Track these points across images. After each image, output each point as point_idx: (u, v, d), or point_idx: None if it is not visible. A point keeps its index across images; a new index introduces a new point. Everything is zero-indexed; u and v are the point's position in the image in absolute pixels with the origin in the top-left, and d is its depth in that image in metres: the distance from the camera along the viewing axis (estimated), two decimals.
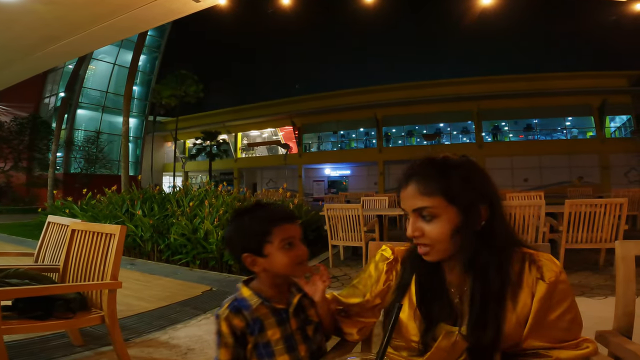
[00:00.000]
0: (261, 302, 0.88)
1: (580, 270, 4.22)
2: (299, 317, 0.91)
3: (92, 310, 1.86)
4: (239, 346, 0.86)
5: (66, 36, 6.22)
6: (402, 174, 0.85)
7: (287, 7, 7.83)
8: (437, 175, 0.80)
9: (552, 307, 0.79)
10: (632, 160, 21.43)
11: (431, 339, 0.82)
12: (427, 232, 0.79)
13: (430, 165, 0.82)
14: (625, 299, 1.11)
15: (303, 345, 0.89)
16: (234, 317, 0.86)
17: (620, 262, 1.13)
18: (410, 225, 0.81)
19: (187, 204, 5.39)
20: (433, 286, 0.85)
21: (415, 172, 0.82)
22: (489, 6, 7.45)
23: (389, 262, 0.95)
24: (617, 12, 7.45)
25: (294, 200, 6.62)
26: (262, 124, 31.47)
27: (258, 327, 0.86)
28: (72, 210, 6.18)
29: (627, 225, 4.16)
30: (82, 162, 24.86)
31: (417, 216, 0.81)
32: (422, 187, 0.80)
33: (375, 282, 0.95)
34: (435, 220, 0.79)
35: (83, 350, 2.23)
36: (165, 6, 5.57)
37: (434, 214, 0.79)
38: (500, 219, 0.81)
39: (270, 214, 0.90)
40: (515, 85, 23.68)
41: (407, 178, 0.83)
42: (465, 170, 0.81)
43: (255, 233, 0.88)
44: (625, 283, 1.12)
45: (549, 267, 0.80)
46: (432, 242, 0.80)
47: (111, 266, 1.74)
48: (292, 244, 0.88)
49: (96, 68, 27.07)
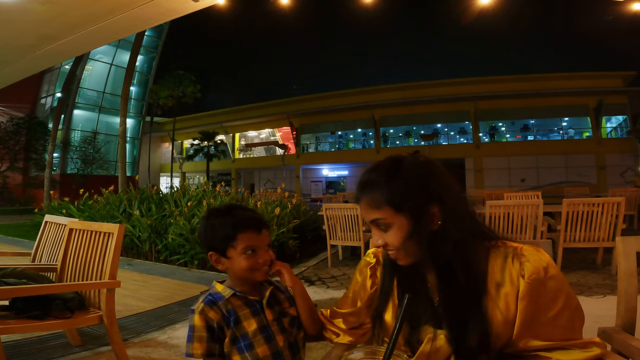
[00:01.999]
0: (234, 293, 0.92)
1: (578, 269, 4.24)
2: (274, 309, 0.95)
3: (91, 310, 1.84)
4: (212, 340, 0.87)
5: (63, 36, 6.18)
6: (356, 186, 0.84)
7: (285, 7, 7.82)
8: (384, 183, 0.79)
9: (546, 305, 0.74)
10: (628, 160, 21.55)
11: (416, 341, 0.81)
12: (387, 241, 0.80)
13: (378, 172, 0.81)
14: (627, 295, 1.11)
15: (281, 335, 0.92)
16: (209, 310, 0.88)
17: (621, 258, 1.13)
18: (373, 236, 0.82)
19: (185, 204, 5.37)
20: (414, 288, 0.83)
21: (365, 184, 0.82)
22: (487, 7, 7.47)
23: (371, 267, 0.96)
24: (614, 12, 7.49)
25: (292, 201, 6.61)
26: (259, 124, 31.43)
27: (233, 319, 0.89)
28: (69, 211, 6.15)
29: (624, 224, 4.17)
30: (78, 163, 24.72)
31: (375, 226, 0.82)
32: (370, 200, 0.80)
33: (362, 288, 0.96)
34: (390, 230, 0.80)
35: (81, 351, 2.22)
36: (163, 6, 5.55)
37: (387, 223, 0.80)
38: (454, 215, 0.79)
39: (237, 220, 0.93)
40: (512, 85, 23.77)
41: (359, 192, 0.83)
42: (410, 171, 0.79)
43: (221, 236, 0.92)
44: (627, 279, 1.12)
45: (531, 263, 0.76)
46: (396, 249, 0.80)
47: (109, 265, 1.73)
48: (255, 251, 0.92)
49: (93, 68, 26.93)
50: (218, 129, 30.21)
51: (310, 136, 30.64)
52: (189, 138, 32.12)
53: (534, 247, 0.79)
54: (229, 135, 31.89)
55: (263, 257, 0.93)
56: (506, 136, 26.31)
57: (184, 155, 32.07)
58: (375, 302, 0.93)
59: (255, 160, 32.22)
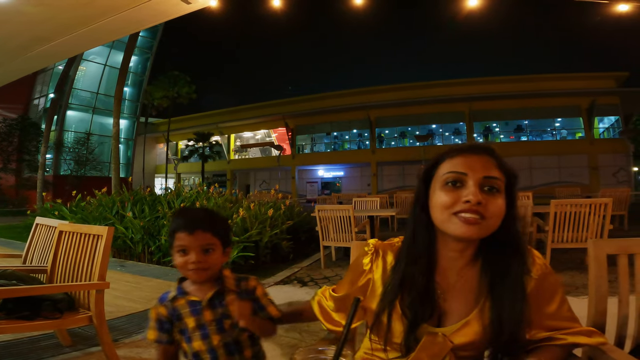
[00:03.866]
0: (177, 295, 1.03)
1: (566, 270, 4.28)
2: (216, 311, 1.02)
3: (80, 310, 1.87)
4: (161, 330, 1.03)
5: (55, 37, 6.17)
6: (475, 145, 0.83)
7: (280, 9, 7.85)
8: (498, 155, 0.82)
9: (549, 299, 0.82)
10: (621, 161, 21.78)
11: (414, 340, 0.81)
12: (487, 204, 0.75)
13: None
14: (597, 298, 1.12)
15: (217, 335, 1.01)
16: (160, 306, 1.03)
17: (592, 261, 1.14)
18: (473, 192, 0.75)
19: (178, 205, 5.38)
20: (421, 286, 0.82)
21: (488, 147, 0.83)
22: (481, 9, 7.55)
23: (369, 256, 0.93)
24: (603, 13, 7.60)
25: (286, 202, 6.63)
26: (255, 125, 31.42)
27: (177, 316, 1.02)
28: (62, 213, 6.13)
29: (612, 225, 4.23)
30: (72, 164, 24.58)
31: (483, 185, 0.77)
32: (493, 159, 0.80)
33: (358, 276, 0.93)
34: (494, 196, 0.77)
35: (71, 351, 2.23)
36: (155, 8, 5.56)
37: (498, 187, 0.78)
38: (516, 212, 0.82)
39: (175, 222, 1.02)
40: (506, 86, 23.97)
41: (482, 148, 0.82)
42: None
43: (169, 235, 1.04)
44: (597, 281, 1.13)
45: (533, 261, 0.82)
46: (491, 215, 0.76)
47: (98, 267, 1.75)
48: (186, 251, 0.99)
49: (86, 69, 26.80)
50: (213, 129, 30.16)
51: (305, 137, 30.68)
52: (184, 139, 32.03)
53: (529, 247, 0.84)
54: (224, 136, 31.84)
55: (193, 258, 0.99)
56: (500, 137, 26.51)
57: (179, 156, 31.96)
58: (366, 294, 0.91)
59: (250, 161, 32.19)
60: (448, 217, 0.77)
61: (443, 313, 0.82)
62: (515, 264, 0.79)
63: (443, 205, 0.78)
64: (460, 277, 0.83)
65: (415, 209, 0.87)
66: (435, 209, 0.80)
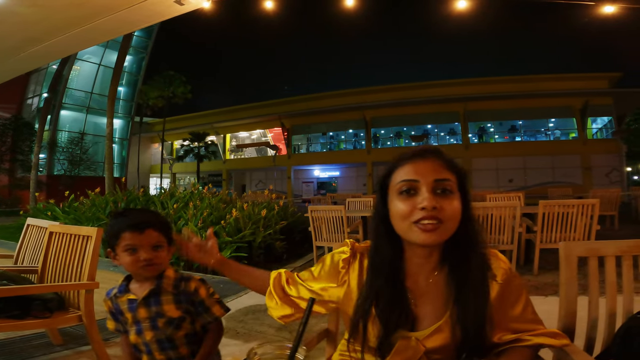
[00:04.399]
0: (117, 291, 1.13)
1: (554, 270, 4.32)
2: (150, 309, 1.10)
3: (70, 310, 1.90)
4: (115, 319, 1.16)
5: (48, 38, 6.17)
6: (421, 149, 0.85)
7: (275, 9, 7.87)
8: (450, 158, 0.84)
9: (513, 302, 0.84)
10: (614, 161, 21.96)
11: (388, 345, 0.82)
12: (443, 206, 0.76)
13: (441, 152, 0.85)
14: (567, 300, 1.13)
15: (150, 332, 1.09)
16: (107, 299, 1.15)
17: (563, 262, 1.14)
18: (427, 198, 0.76)
19: (171, 205, 5.40)
20: (390, 295, 0.82)
21: (437, 149, 0.84)
22: (476, 9, 7.62)
23: (344, 259, 0.92)
24: (596, 14, 7.69)
25: (280, 202, 6.66)
26: (251, 125, 31.38)
27: (119, 310, 1.13)
28: (54, 213, 6.12)
29: (599, 226, 4.27)
30: (65, 164, 24.43)
31: (435, 188, 0.78)
32: (442, 161, 0.82)
33: (334, 275, 0.92)
34: (448, 197, 0.78)
35: (62, 350, 2.26)
36: (149, 9, 5.58)
37: (451, 189, 0.79)
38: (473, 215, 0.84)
39: (122, 221, 1.07)
40: (501, 87, 24.10)
41: (429, 151, 0.84)
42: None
43: (111, 236, 1.09)
44: (568, 284, 1.14)
45: (498, 265, 0.84)
46: (447, 218, 0.77)
47: (88, 267, 1.78)
48: (136, 250, 1.05)
49: (81, 68, 26.64)
50: (209, 129, 30.09)
51: (301, 137, 30.70)
52: (179, 139, 31.94)
53: (495, 252, 0.86)
54: (220, 136, 31.77)
55: (144, 255, 1.05)
56: (495, 137, 26.68)
57: (174, 156, 31.87)
58: (339, 297, 0.91)
59: (246, 161, 32.16)
60: (408, 226, 0.78)
61: (416, 318, 0.83)
62: (475, 267, 0.80)
63: (401, 215, 0.79)
64: (430, 281, 0.85)
65: (375, 220, 0.87)
66: (395, 220, 0.81)
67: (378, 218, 0.86)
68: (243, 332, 2.69)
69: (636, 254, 1.14)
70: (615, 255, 1.15)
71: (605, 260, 1.15)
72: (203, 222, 4.85)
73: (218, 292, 1.17)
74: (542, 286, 3.72)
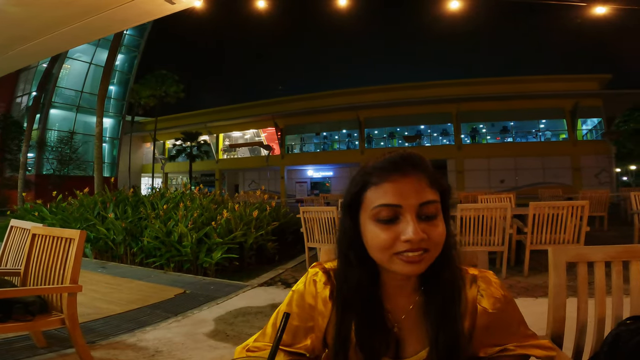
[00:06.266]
0: None
1: (544, 271, 4.36)
2: None
3: (53, 313, 1.86)
4: None
5: (37, 36, 6.05)
6: (401, 159, 0.69)
7: (269, 8, 7.82)
8: (432, 170, 0.70)
9: (507, 324, 0.76)
10: (603, 162, 22.25)
11: None
12: (431, 235, 0.65)
13: (421, 157, 0.72)
14: (555, 305, 1.11)
15: None
16: None
17: (552, 268, 1.13)
18: (412, 229, 0.64)
19: (161, 206, 5.34)
20: (373, 318, 0.73)
21: (419, 161, 0.69)
22: (470, 11, 7.67)
23: (330, 290, 0.78)
24: (584, 16, 7.79)
25: (272, 203, 6.63)
26: (244, 125, 31.26)
27: None
28: (42, 213, 6.02)
29: (589, 227, 4.30)
30: (54, 164, 24.11)
31: (420, 213, 0.66)
32: (426, 178, 0.68)
33: (306, 318, 0.78)
34: (433, 221, 0.67)
35: (46, 352, 2.25)
36: (139, 7, 5.50)
37: (435, 212, 0.67)
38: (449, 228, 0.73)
39: None
40: (493, 88, 24.27)
41: (411, 164, 0.68)
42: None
43: None
44: (556, 289, 1.12)
45: (490, 293, 0.75)
46: (435, 245, 0.67)
47: (70, 270, 1.75)
48: None
49: (71, 67, 26.35)
50: (201, 129, 29.90)
51: (295, 137, 30.66)
52: (172, 138, 31.69)
53: (487, 275, 0.77)
54: (213, 136, 31.60)
55: None
56: (487, 138, 26.90)
57: (166, 156, 31.61)
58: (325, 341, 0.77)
59: (239, 160, 32.02)
60: (389, 257, 0.66)
61: (400, 342, 0.74)
62: (448, 288, 0.72)
63: (381, 246, 0.66)
64: (411, 301, 0.75)
65: (342, 245, 0.74)
66: (371, 249, 0.69)
67: (347, 242, 0.73)
68: (233, 335, 2.67)
69: (625, 259, 1.13)
70: (604, 261, 1.14)
71: (595, 266, 1.14)
72: (193, 223, 4.80)
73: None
74: (533, 288, 3.75)
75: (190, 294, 3.71)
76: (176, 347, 2.45)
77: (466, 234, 4.26)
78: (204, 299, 3.46)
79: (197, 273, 4.65)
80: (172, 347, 2.45)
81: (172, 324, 2.90)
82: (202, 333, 2.72)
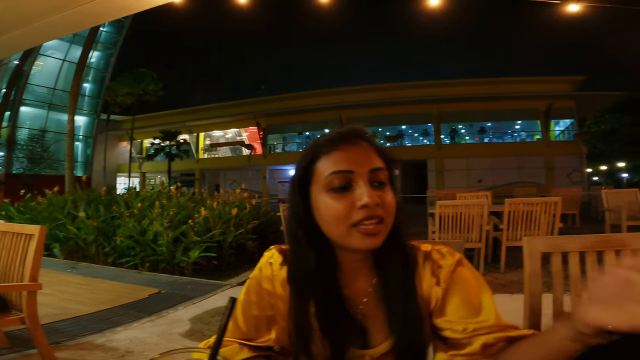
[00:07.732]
0: None
1: (520, 268, 4.42)
2: None
3: (12, 312, 1.77)
4: None
5: (7, 31, 5.78)
6: (350, 130, 0.69)
7: (251, 6, 7.74)
8: (376, 142, 0.70)
9: (463, 291, 0.68)
10: (575, 162, 23.04)
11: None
12: (386, 200, 0.64)
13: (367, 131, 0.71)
14: (531, 297, 1.08)
15: None
16: None
17: (526, 259, 1.09)
18: (366, 193, 0.62)
19: (136, 205, 5.18)
20: (331, 305, 0.68)
21: (364, 132, 0.69)
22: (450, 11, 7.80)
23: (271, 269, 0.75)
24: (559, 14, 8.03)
25: (252, 201, 6.55)
26: (225, 124, 30.86)
27: None
28: (9, 213, 5.76)
29: (562, 224, 4.40)
30: (25, 162, 23.16)
31: (370, 180, 0.64)
32: (374, 147, 0.68)
33: (263, 304, 0.74)
34: (383, 189, 0.65)
35: (9, 353, 2.17)
36: (116, 2, 5.31)
37: (385, 180, 0.66)
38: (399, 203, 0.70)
39: None
40: (472, 89, 24.74)
41: (357, 134, 0.68)
42: None
43: None
44: (531, 280, 1.09)
45: (439, 264, 0.70)
46: (390, 214, 0.65)
47: (30, 267, 1.65)
48: None
49: (44, 64, 25.42)
50: (181, 128, 29.31)
51: (277, 136, 30.48)
52: (150, 137, 30.92)
53: (439, 247, 0.74)
54: (193, 135, 31.06)
55: None
56: (465, 138, 27.44)
57: (144, 155, 30.84)
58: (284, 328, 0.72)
59: (220, 160, 31.58)
60: (346, 231, 0.63)
61: (366, 330, 0.70)
62: (399, 264, 0.68)
63: (337, 217, 0.63)
64: (369, 284, 0.71)
65: (292, 224, 0.70)
66: (326, 223, 0.66)
67: (296, 221, 0.69)
68: (209, 334, 2.60)
69: (600, 249, 1.10)
70: (579, 251, 1.11)
71: (569, 256, 1.10)
72: (170, 221, 4.68)
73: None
74: (509, 284, 3.82)
75: (166, 293, 3.61)
76: (149, 347, 2.37)
77: (445, 231, 4.32)
78: (180, 299, 3.37)
79: (174, 273, 4.54)
80: (144, 347, 2.37)
81: (146, 324, 2.81)
82: (177, 333, 2.65)
